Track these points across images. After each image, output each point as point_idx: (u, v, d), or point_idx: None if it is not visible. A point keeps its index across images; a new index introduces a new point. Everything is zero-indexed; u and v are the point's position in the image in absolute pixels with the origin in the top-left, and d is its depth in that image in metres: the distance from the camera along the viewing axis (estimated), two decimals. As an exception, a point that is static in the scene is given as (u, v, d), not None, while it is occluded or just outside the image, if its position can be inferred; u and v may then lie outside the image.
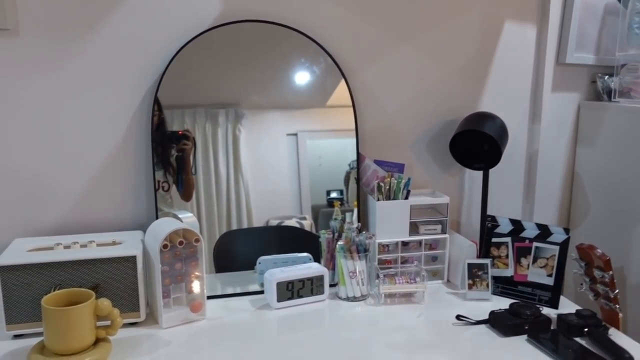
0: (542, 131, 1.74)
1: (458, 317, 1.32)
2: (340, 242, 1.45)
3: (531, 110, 1.75)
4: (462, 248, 1.53)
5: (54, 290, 1.22)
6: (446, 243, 1.56)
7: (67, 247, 1.30)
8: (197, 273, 1.31)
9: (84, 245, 1.31)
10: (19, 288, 1.20)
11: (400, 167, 1.56)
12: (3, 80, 1.37)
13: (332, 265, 1.52)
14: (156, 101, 1.40)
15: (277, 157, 1.42)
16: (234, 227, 1.44)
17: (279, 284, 1.39)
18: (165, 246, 1.26)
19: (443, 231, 1.56)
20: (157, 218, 1.45)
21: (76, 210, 1.47)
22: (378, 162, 1.57)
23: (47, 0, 1.36)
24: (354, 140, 1.53)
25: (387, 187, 1.51)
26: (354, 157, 1.53)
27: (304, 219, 1.45)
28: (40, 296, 1.19)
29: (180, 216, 1.45)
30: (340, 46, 1.56)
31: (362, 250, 1.44)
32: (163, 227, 1.30)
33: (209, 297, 1.44)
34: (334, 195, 1.45)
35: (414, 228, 1.56)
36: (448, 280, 1.58)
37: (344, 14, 1.56)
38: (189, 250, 1.31)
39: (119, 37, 1.42)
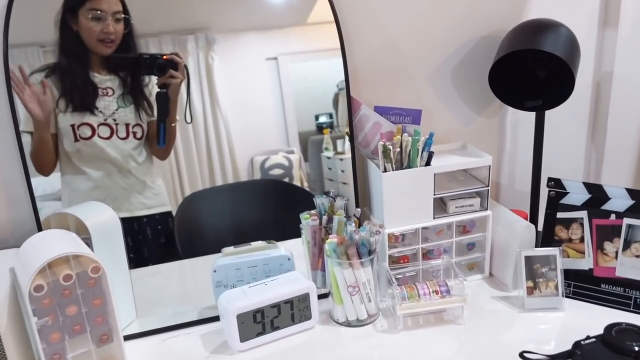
0: (619, 43, 1.26)
1: (522, 355, 0.84)
2: (330, 240, 0.95)
3: (601, 12, 1.25)
4: (514, 230, 1.03)
5: None
6: (487, 223, 1.06)
7: None
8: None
9: None
10: None
11: (415, 116, 1.04)
12: None
13: (321, 264, 1.05)
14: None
15: (258, 85, 1.27)
16: (217, 171, 1.25)
17: (240, 317, 0.90)
18: (38, 288, 0.76)
19: (483, 206, 1.06)
20: (39, 229, 0.94)
21: None
22: (380, 110, 1.05)
23: None
24: (341, 60, 1.19)
25: (398, 148, 0.99)
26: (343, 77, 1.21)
27: (292, 152, 1.31)
28: None
29: (85, 218, 0.93)
30: None
31: (366, 253, 0.94)
32: (35, 254, 0.79)
33: (142, 335, 0.96)
34: (322, 119, 1.31)
35: (439, 206, 1.06)
36: (491, 274, 1.10)
37: None
38: (86, 283, 0.81)
39: None
